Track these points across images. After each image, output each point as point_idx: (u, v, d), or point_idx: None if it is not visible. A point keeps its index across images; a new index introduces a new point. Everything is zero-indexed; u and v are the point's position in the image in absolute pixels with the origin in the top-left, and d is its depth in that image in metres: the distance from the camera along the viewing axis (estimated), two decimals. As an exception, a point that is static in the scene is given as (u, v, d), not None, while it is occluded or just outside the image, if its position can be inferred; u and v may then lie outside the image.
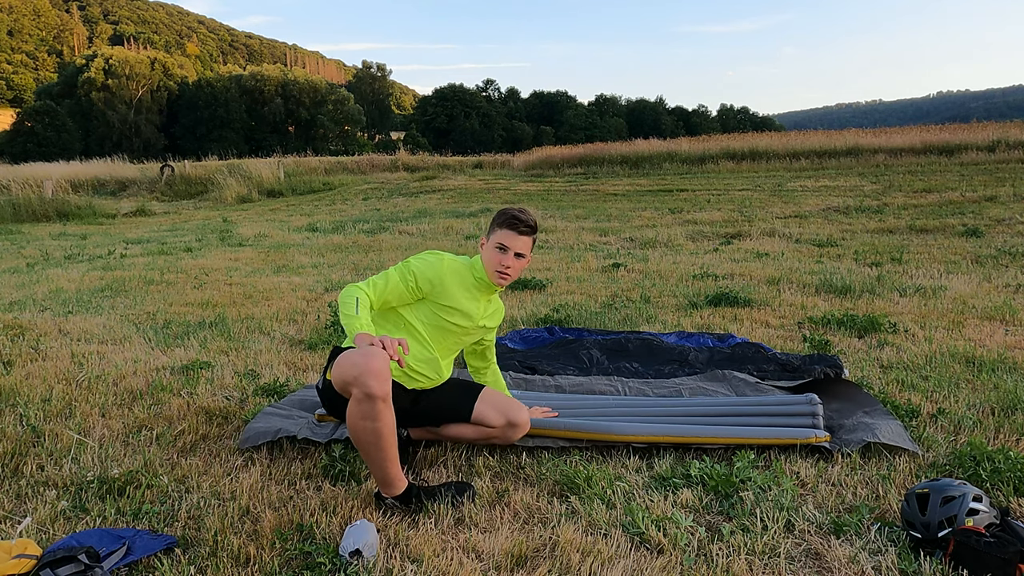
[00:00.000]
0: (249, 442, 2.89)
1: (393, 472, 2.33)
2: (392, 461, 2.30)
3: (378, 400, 2.17)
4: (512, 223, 2.65)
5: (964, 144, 22.12)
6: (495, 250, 2.65)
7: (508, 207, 2.75)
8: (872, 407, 3.10)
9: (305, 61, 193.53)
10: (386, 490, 2.37)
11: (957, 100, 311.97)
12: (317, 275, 7.51)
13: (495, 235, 2.67)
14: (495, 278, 2.67)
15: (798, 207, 12.97)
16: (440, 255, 2.69)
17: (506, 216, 2.67)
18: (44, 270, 8.12)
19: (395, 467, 2.33)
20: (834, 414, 3.10)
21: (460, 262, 2.71)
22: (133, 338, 4.77)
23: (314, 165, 30.20)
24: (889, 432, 2.78)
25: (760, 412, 3.03)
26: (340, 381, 2.23)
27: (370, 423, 2.20)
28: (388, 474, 2.32)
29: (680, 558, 2.07)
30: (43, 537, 2.22)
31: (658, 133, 52.21)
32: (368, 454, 2.28)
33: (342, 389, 2.25)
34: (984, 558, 1.93)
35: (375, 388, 2.15)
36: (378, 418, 2.19)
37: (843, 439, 2.81)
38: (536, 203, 15.97)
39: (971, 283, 6.14)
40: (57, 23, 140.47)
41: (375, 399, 2.17)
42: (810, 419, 2.89)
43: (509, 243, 2.64)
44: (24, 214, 16.15)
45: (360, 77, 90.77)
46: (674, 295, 5.98)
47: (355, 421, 2.22)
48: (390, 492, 2.37)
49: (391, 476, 2.33)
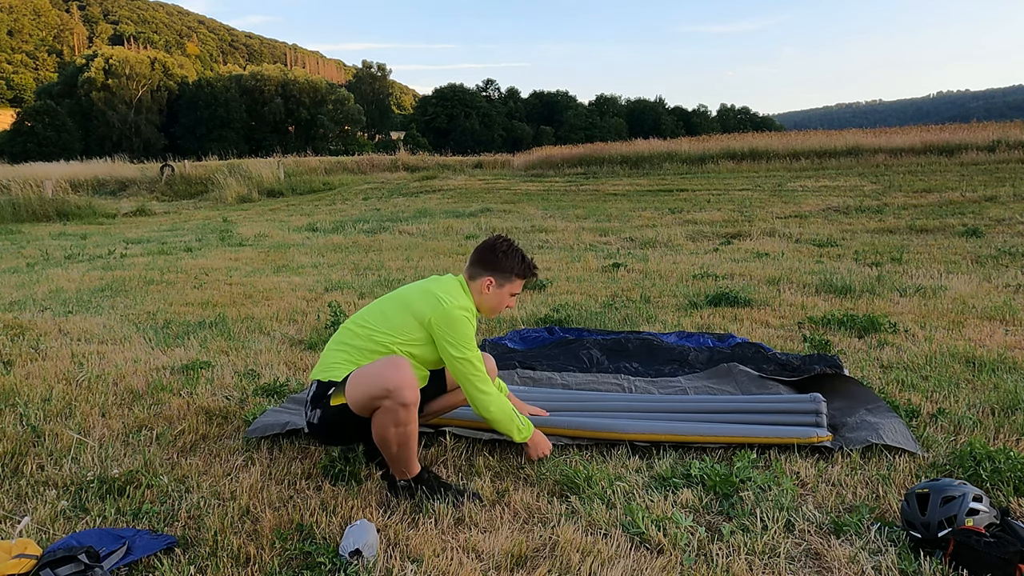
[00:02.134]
0: (257, 432, 2.95)
1: (414, 459, 2.46)
2: (415, 451, 2.44)
3: (411, 407, 2.29)
4: (534, 274, 2.70)
5: (964, 144, 22.11)
6: (510, 297, 2.67)
7: (512, 246, 2.66)
8: (875, 404, 3.10)
9: (305, 61, 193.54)
10: (403, 475, 2.46)
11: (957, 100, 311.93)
12: (317, 275, 7.51)
13: (512, 285, 2.65)
14: (493, 315, 2.72)
15: (798, 207, 12.97)
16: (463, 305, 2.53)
17: (528, 267, 2.66)
18: (44, 270, 8.12)
19: (416, 454, 2.45)
20: (836, 412, 3.09)
21: (470, 305, 2.59)
22: (133, 338, 4.77)
23: (314, 165, 30.21)
24: (892, 432, 2.78)
25: (764, 410, 3.04)
26: (366, 396, 2.30)
27: (402, 428, 2.32)
28: (411, 463, 2.45)
29: (680, 558, 2.07)
30: (43, 537, 2.22)
31: (658, 133, 52.21)
32: (395, 452, 2.38)
33: (366, 404, 2.31)
34: (984, 558, 1.93)
35: (410, 397, 2.28)
36: (410, 421, 2.32)
37: (846, 437, 2.81)
38: (536, 203, 15.97)
39: (971, 283, 6.14)
40: (57, 23, 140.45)
41: (409, 407, 2.28)
42: (813, 417, 2.89)
43: (520, 290, 2.71)
44: (24, 214, 16.16)
45: (360, 77, 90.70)
46: (674, 295, 5.98)
47: (387, 429, 2.31)
48: (408, 475, 2.46)
49: (413, 464, 2.46)
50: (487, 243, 2.66)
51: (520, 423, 2.60)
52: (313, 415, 2.50)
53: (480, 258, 2.64)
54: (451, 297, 2.53)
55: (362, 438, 2.52)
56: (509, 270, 2.62)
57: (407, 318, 2.51)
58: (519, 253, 2.65)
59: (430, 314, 2.48)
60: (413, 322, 2.50)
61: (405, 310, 2.53)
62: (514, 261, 2.62)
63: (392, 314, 2.53)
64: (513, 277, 2.63)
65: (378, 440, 2.36)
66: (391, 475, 2.50)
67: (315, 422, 2.50)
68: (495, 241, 2.65)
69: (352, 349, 2.51)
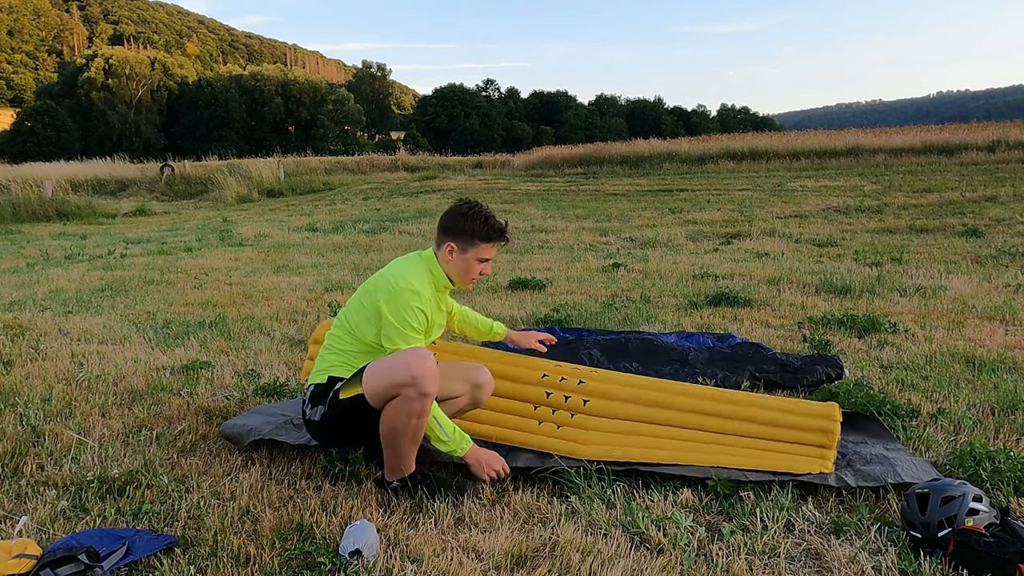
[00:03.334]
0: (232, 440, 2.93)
1: (414, 456, 2.43)
2: (418, 448, 2.41)
3: (430, 399, 2.28)
4: (500, 237, 2.52)
5: (964, 144, 22.12)
6: (476, 262, 2.51)
7: (475, 208, 2.50)
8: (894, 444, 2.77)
9: (305, 61, 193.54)
10: (400, 472, 2.43)
11: (957, 100, 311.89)
12: (317, 275, 7.51)
13: (477, 249, 2.49)
14: (468, 285, 2.60)
15: (798, 207, 12.97)
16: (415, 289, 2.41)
17: (492, 229, 2.49)
18: (44, 270, 8.12)
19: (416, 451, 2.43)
20: (851, 443, 2.77)
21: (427, 280, 2.50)
22: (133, 338, 4.77)
23: (314, 165, 30.22)
24: (912, 468, 2.48)
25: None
26: (388, 384, 2.26)
27: (416, 420, 2.30)
28: (411, 459, 2.43)
29: (680, 558, 2.07)
30: (43, 537, 2.22)
31: (658, 133, 52.20)
32: (400, 446, 2.36)
33: (386, 392, 2.28)
34: (984, 558, 1.93)
35: (431, 388, 2.26)
36: (424, 414, 2.31)
37: (857, 469, 2.52)
38: (536, 203, 15.97)
39: (971, 283, 6.14)
40: (57, 23, 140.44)
41: (428, 397, 2.27)
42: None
43: (491, 255, 2.55)
44: (24, 214, 16.16)
45: (360, 77, 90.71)
46: (674, 295, 5.98)
47: (402, 420, 2.28)
48: (404, 472, 2.43)
49: (412, 460, 2.44)
50: (450, 208, 2.54)
51: (444, 430, 2.39)
52: (314, 412, 2.48)
53: (442, 223, 2.53)
54: (404, 279, 2.42)
55: (363, 437, 2.51)
56: (470, 233, 2.47)
57: (370, 309, 2.44)
58: (481, 215, 2.48)
59: (381, 299, 2.40)
60: (374, 311, 2.43)
61: (369, 301, 2.46)
62: (475, 223, 2.46)
63: (363, 304, 2.48)
64: (476, 240, 2.48)
65: (388, 432, 2.33)
66: (383, 478, 2.49)
67: (316, 419, 2.48)
68: (457, 205, 2.53)
69: (343, 353, 2.50)
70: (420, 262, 2.54)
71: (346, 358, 2.49)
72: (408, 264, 2.53)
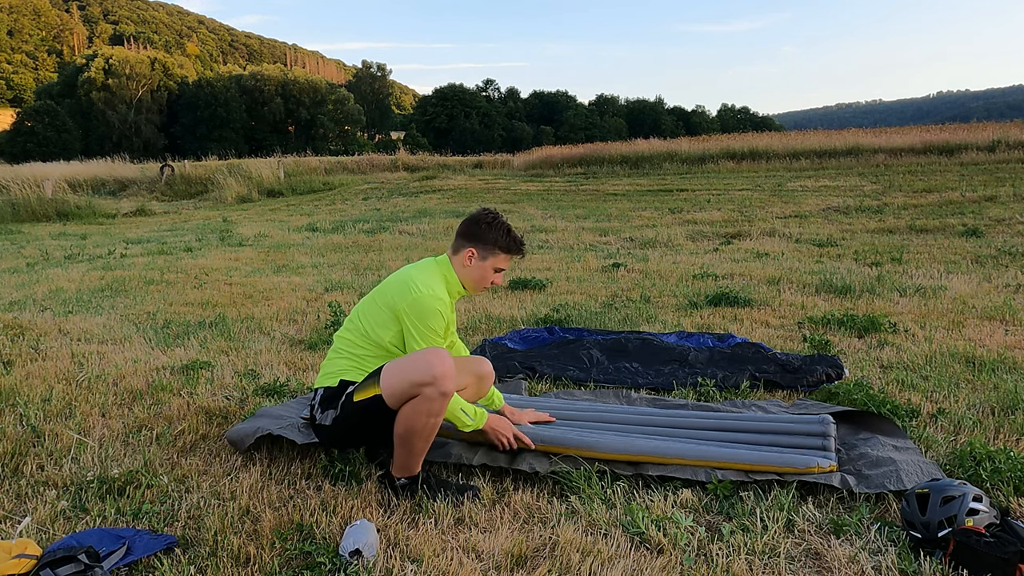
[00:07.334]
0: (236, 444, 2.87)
1: (424, 454, 2.45)
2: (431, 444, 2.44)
3: (448, 399, 2.30)
4: (518, 250, 2.62)
5: (964, 144, 22.11)
6: (493, 272, 2.60)
7: (499, 219, 2.58)
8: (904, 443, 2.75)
9: (305, 61, 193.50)
10: (408, 471, 2.44)
11: (957, 100, 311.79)
12: (317, 275, 7.51)
13: (496, 259, 2.58)
14: (480, 291, 2.67)
15: (798, 207, 12.97)
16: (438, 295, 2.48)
17: (514, 241, 2.59)
18: (44, 270, 8.12)
19: None
20: (859, 442, 2.77)
21: (444, 288, 2.55)
22: (133, 338, 4.77)
23: (314, 165, 30.18)
24: (919, 475, 2.44)
25: (769, 430, 2.79)
26: (408, 383, 2.28)
27: (434, 419, 2.32)
28: (420, 460, 2.45)
29: (680, 558, 2.07)
30: (43, 537, 2.22)
31: (658, 133, 52.23)
32: (415, 444, 2.37)
33: (405, 392, 2.29)
34: (984, 558, 1.93)
35: (450, 387, 2.29)
36: (441, 413, 2.33)
37: (864, 474, 2.49)
38: (536, 203, 15.97)
39: (971, 283, 6.14)
40: (57, 23, 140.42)
41: (447, 397, 2.29)
42: (819, 440, 2.65)
43: (506, 266, 2.63)
44: (24, 214, 16.16)
45: (360, 77, 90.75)
46: (674, 295, 5.98)
47: (421, 419, 2.30)
48: (412, 472, 2.45)
49: (422, 459, 2.46)
50: (473, 215, 2.62)
51: (467, 414, 2.53)
52: (324, 417, 2.49)
53: (464, 230, 2.60)
54: (425, 285, 2.47)
55: (372, 439, 2.52)
56: (493, 242, 2.56)
57: (386, 312, 2.49)
58: (505, 226, 2.57)
59: (400, 302, 2.45)
60: (391, 314, 2.48)
61: (384, 303, 2.51)
62: (498, 233, 2.55)
63: (379, 307, 2.53)
64: (496, 250, 2.57)
65: (405, 432, 2.34)
66: (390, 474, 2.48)
67: (327, 424, 2.49)
68: (481, 213, 2.60)
69: (355, 357, 2.52)
70: (435, 268, 2.60)
71: (358, 362, 2.51)
72: (425, 270, 2.58)
